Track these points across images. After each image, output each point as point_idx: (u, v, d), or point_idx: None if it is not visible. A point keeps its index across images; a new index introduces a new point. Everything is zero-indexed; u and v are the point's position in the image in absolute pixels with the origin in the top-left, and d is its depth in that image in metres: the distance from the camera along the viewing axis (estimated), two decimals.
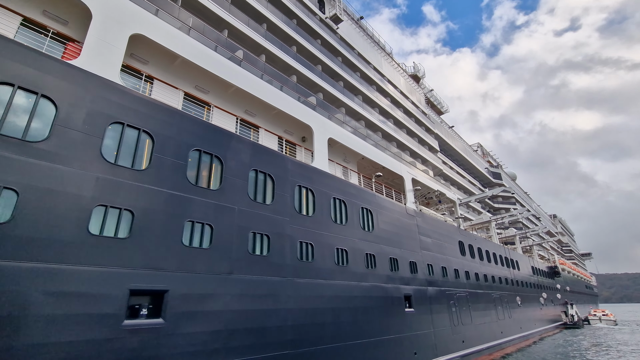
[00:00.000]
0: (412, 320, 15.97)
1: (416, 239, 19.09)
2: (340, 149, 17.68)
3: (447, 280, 20.55)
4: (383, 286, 14.94)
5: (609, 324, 50.66)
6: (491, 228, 32.69)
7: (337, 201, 14.26)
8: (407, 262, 17.28)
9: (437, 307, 18.47)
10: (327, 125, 15.78)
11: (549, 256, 55.61)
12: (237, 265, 9.56)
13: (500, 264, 30.45)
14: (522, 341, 29.19)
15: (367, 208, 15.88)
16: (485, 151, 58.97)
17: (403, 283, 16.38)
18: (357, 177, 17.82)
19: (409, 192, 20.59)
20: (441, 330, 18.11)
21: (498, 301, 26.91)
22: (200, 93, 12.21)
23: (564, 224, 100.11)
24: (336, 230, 13.60)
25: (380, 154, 19.57)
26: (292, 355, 10.05)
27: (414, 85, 32.32)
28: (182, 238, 8.54)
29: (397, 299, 15.56)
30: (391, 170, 19.98)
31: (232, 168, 10.54)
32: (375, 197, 16.89)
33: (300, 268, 11.46)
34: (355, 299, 13.20)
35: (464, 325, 20.49)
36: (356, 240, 14.41)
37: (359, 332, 12.82)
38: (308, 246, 12.10)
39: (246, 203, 10.50)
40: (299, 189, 12.72)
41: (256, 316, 9.53)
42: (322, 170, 14.14)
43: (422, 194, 24.25)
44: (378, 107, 23.97)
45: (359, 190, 15.85)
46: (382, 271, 15.20)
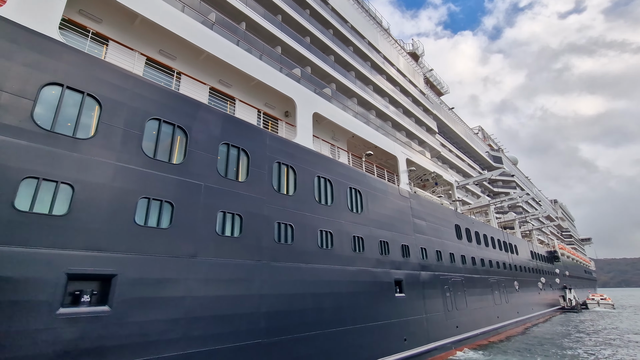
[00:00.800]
0: (402, 306, 15.21)
1: (409, 222, 18.17)
2: (328, 126, 16.55)
3: (441, 264, 19.75)
4: (371, 270, 14.10)
5: (607, 308, 50.43)
6: (490, 212, 31.77)
7: (322, 180, 13.25)
8: (398, 246, 16.40)
9: (430, 292, 17.71)
10: (313, 99, 14.60)
11: (548, 241, 54.98)
12: (203, 247, 8.63)
13: (499, 248, 29.68)
14: (519, 325, 28.71)
15: (356, 188, 14.88)
16: (486, 134, 57.54)
17: (394, 267, 15.55)
18: (347, 156, 16.74)
19: (403, 173, 19.54)
20: (434, 315, 17.40)
21: (495, 286, 26.25)
22: (165, 59, 11.03)
23: (565, 209, 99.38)
24: (320, 211, 12.64)
25: (372, 132, 18.43)
26: (266, 344, 9.25)
27: (412, 64, 30.78)
28: (135, 217, 7.58)
29: (386, 283, 14.75)
30: (384, 149, 18.88)
31: (199, 141, 9.48)
32: (365, 177, 15.86)
33: (278, 251, 10.55)
34: (340, 283, 12.36)
35: (458, 310, 19.81)
36: (343, 222, 13.47)
37: (344, 318, 12.03)
38: (287, 227, 11.16)
39: (215, 179, 9.50)
40: (279, 166, 11.69)
41: (224, 303, 8.67)
42: (306, 147, 13.07)
43: (417, 176, 23.22)
44: (372, 84, 22.65)
45: (347, 170, 14.81)
46: (370, 255, 14.33)
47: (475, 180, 25.72)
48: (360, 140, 17.88)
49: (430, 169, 22.94)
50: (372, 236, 14.78)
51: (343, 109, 17.25)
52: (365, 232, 14.50)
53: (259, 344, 9.07)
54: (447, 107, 39.91)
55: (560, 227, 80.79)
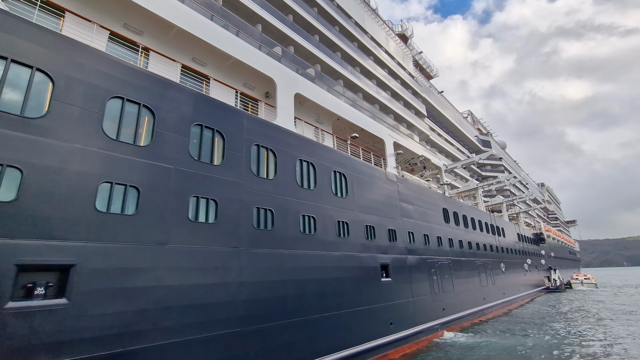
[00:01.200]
0: (388, 290, 15.09)
1: (396, 206, 17.92)
2: (312, 108, 15.96)
3: (429, 248, 19.68)
4: (357, 255, 13.85)
5: (590, 287, 52.01)
6: (478, 195, 31.87)
7: (304, 164, 12.77)
8: (385, 230, 16.18)
9: (417, 275, 17.66)
10: (294, 80, 13.95)
11: (535, 223, 55.95)
12: (174, 234, 8.15)
13: (486, 231, 29.90)
14: (505, 306, 29.26)
15: (341, 172, 14.47)
16: (475, 119, 57.46)
17: (380, 252, 15.35)
18: (332, 139, 16.24)
19: (390, 156, 19.18)
20: (421, 299, 17.40)
21: (482, 268, 26.51)
22: (131, 33, 10.24)
23: (551, 192, 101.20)
24: (302, 195, 12.21)
25: (358, 115, 17.91)
26: (244, 332, 8.94)
27: (401, 46, 30.02)
28: (96, 203, 7.03)
29: (372, 268, 14.55)
30: (371, 132, 18.42)
31: (168, 122, 8.87)
32: (351, 161, 15.44)
33: (257, 237, 10.14)
34: (324, 269, 12.08)
35: (445, 293, 19.91)
36: (326, 206, 13.10)
37: (328, 304, 11.81)
38: (267, 213, 10.73)
39: (187, 163, 8.95)
40: (257, 149, 11.15)
41: (198, 292, 8.27)
42: (287, 129, 12.52)
43: (405, 160, 22.91)
44: (359, 66, 21.97)
45: (331, 153, 14.35)
46: (356, 240, 14.06)
47: (463, 163, 25.57)
48: (345, 123, 17.36)
49: (419, 153, 22.64)
50: (357, 221, 14.48)
51: (328, 91, 16.65)
52: (351, 216, 14.18)
53: (237, 333, 8.75)
54: (436, 90, 39.42)
55: (546, 209, 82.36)
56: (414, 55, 35.32)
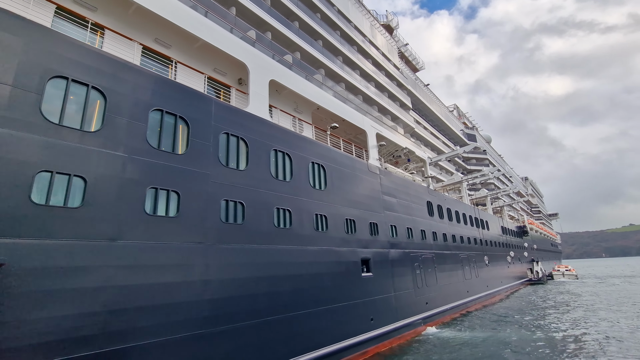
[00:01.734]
0: (369, 285, 14.66)
1: (379, 199, 17.46)
2: (290, 97, 15.25)
3: (412, 241, 19.35)
4: (336, 250, 13.33)
5: (571, 278, 53.20)
6: (462, 189, 31.82)
7: (279, 154, 12.11)
8: (366, 224, 15.70)
9: (399, 269, 17.30)
10: (269, 66, 13.20)
11: (518, 217, 56.76)
12: (127, 229, 7.41)
13: (470, 224, 29.90)
14: (488, 299, 29.42)
15: (319, 163, 13.86)
16: (461, 113, 57.62)
17: (361, 246, 14.87)
18: (311, 129, 15.58)
19: (373, 148, 18.66)
20: (403, 293, 17.07)
21: (465, 261, 26.48)
22: (84, 10, 9.32)
23: (535, 186, 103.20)
24: (277, 187, 11.57)
25: (339, 105, 17.28)
26: (209, 334, 8.31)
27: (385, 36, 29.42)
28: (32, 194, 6.23)
29: (352, 263, 14.07)
30: (352, 123, 17.83)
31: (122, 106, 8.06)
32: (330, 152, 14.84)
33: (226, 232, 9.47)
34: (300, 265, 11.50)
35: (428, 287, 19.66)
36: (303, 199, 12.49)
37: (304, 301, 11.26)
38: (237, 206, 10.05)
39: (143, 151, 8.17)
40: (227, 138, 10.42)
41: (156, 292, 7.58)
42: (260, 117, 11.80)
43: (389, 152, 22.46)
44: (342, 55, 21.29)
45: (308, 143, 13.70)
46: (335, 234, 13.52)
47: (448, 156, 25.33)
48: (326, 113, 16.72)
49: (402, 145, 22.21)
50: (337, 214, 13.94)
51: (308, 80, 15.95)
52: (330, 209, 13.62)
53: (201, 335, 8.11)
54: (422, 83, 39.08)
55: (530, 203, 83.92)
56: (399, 47, 34.81)
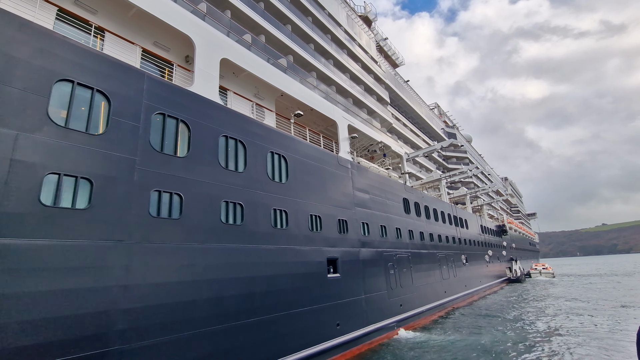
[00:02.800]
0: (336, 287, 13.44)
1: (349, 194, 16.29)
2: (250, 81, 13.86)
3: (385, 240, 18.28)
4: (297, 249, 12.04)
5: (548, 276, 53.82)
6: (441, 186, 31.15)
7: (230, 141, 10.71)
8: (334, 221, 14.48)
9: (371, 270, 16.17)
10: (221, 42, 11.77)
11: (498, 216, 57.06)
12: (15, 223, 5.90)
13: (449, 222, 29.23)
14: (466, 299, 28.79)
15: (280, 154, 12.54)
16: (442, 111, 57.50)
17: (327, 245, 13.64)
18: (273, 117, 14.25)
19: (344, 140, 17.48)
20: (375, 295, 15.94)
21: (443, 260, 25.70)
22: None
23: (514, 186, 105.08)
24: (227, 178, 10.17)
25: (307, 93, 16.00)
26: (119, 352, 6.84)
27: (363, 28, 28.40)
28: None
29: (317, 263, 12.81)
30: (321, 113, 16.60)
31: (14, 74, 6.51)
32: (294, 142, 13.54)
33: (155, 228, 8.02)
34: (252, 265, 10.14)
35: (402, 288, 18.63)
36: (259, 192, 11.14)
37: (255, 307, 9.91)
38: (173, 198, 8.61)
39: (45, 130, 6.65)
40: (163, 119, 8.96)
41: (53, 302, 6.08)
42: (207, 98, 10.38)
43: (363, 146, 21.36)
44: (314, 43, 20.03)
45: (267, 131, 12.35)
46: (297, 231, 12.23)
47: (425, 151, 24.50)
48: (291, 101, 15.41)
49: (377, 139, 21.15)
50: (299, 210, 12.65)
51: (272, 64, 14.60)
52: (291, 205, 12.32)
53: (107, 354, 6.63)
54: (402, 79, 38.37)
55: (509, 202, 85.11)
56: (378, 41, 33.93)
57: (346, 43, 23.81)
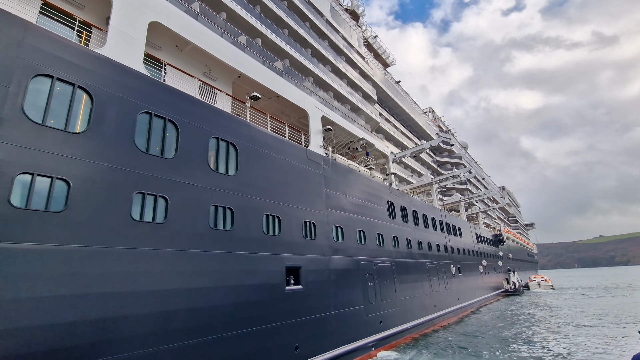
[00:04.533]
0: (296, 302, 11.24)
1: (321, 194, 14.21)
2: (199, 57, 11.88)
3: (364, 247, 16.13)
4: (245, 255, 9.88)
5: (547, 288, 51.45)
6: (433, 191, 29.10)
7: (155, 120, 8.66)
8: (298, 223, 12.37)
9: (345, 281, 14.00)
10: (151, 2, 9.76)
11: (495, 225, 54.95)
12: None
13: (440, 230, 27.09)
14: (459, 313, 26.46)
15: (227, 140, 10.48)
16: (436, 116, 55.87)
17: (287, 251, 11.49)
18: (225, 99, 12.23)
19: (317, 133, 15.46)
20: (349, 311, 13.73)
21: (433, 271, 23.47)
22: None
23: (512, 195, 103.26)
24: (144, 164, 8.07)
25: (272, 77, 14.02)
26: None
27: (349, 21, 26.72)
28: None
29: (272, 273, 10.64)
30: (290, 101, 14.62)
31: None
32: (247, 128, 11.49)
33: (21, 224, 5.90)
34: (176, 275, 7.98)
35: (384, 301, 16.39)
36: (194, 184, 9.04)
37: (178, 328, 7.71)
38: (55, 185, 6.50)
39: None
40: (51, 84, 6.89)
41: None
42: (123, 64, 8.35)
43: (342, 143, 19.34)
44: (288, 29, 18.19)
45: (212, 112, 10.29)
46: (246, 233, 10.10)
47: (413, 151, 22.50)
48: (253, 85, 13.41)
49: (359, 135, 19.15)
50: (251, 208, 10.53)
51: (232, 43, 12.66)
52: (240, 201, 10.21)
53: None
54: (393, 80, 36.66)
55: (507, 212, 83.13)
56: (367, 38, 32.30)
57: (327, 33, 22.02)
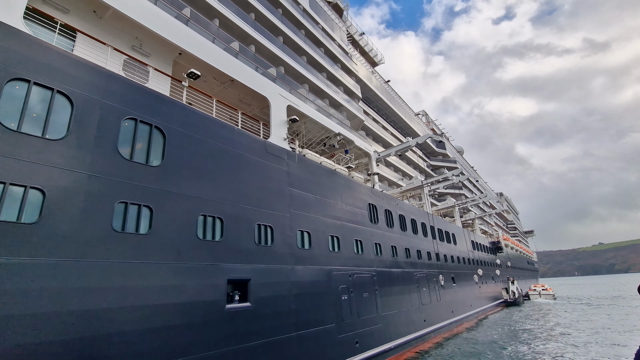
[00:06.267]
0: (241, 324, 9.10)
1: (282, 193, 12.19)
2: (125, 27, 9.94)
3: (338, 255, 14.04)
4: (168, 266, 7.79)
5: (548, 298, 49.08)
6: (423, 195, 27.09)
7: (35, 90, 6.68)
8: (250, 227, 10.31)
9: (311, 295, 11.88)
10: None
11: (492, 232, 52.82)
12: None
13: (431, 236, 24.99)
14: (454, 328, 24.16)
15: (150, 123, 8.49)
16: (430, 119, 54.26)
17: (232, 260, 9.41)
18: (171, 84, 10.29)
19: (280, 125, 13.48)
20: (315, 332, 11.57)
21: (423, 281, 21.29)
22: None
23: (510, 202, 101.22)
24: (9, 145, 6.08)
25: (223, 56, 12.12)
26: None
27: (330, 12, 25.08)
28: None
29: (208, 288, 8.54)
30: (247, 86, 12.70)
31: None
32: (181, 110, 9.50)
33: None
34: (55, 295, 5.89)
35: (361, 318, 14.21)
36: (91, 174, 7.01)
37: None
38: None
39: None
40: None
41: None
42: None
43: (312, 139, 17.37)
44: (255, 12, 16.44)
45: (122, 86, 8.30)
46: (170, 239, 8.03)
47: (398, 149, 20.55)
48: (202, 67, 11.47)
49: (334, 130, 17.20)
50: (180, 206, 8.49)
51: (177, 17, 10.79)
52: (162, 198, 8.17)
53: None
54: (382, 79, 35.01)
55: (505, 219, 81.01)
56: (352, 34, 30.72)
57: (304, 22, 20.29)
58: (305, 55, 19.62)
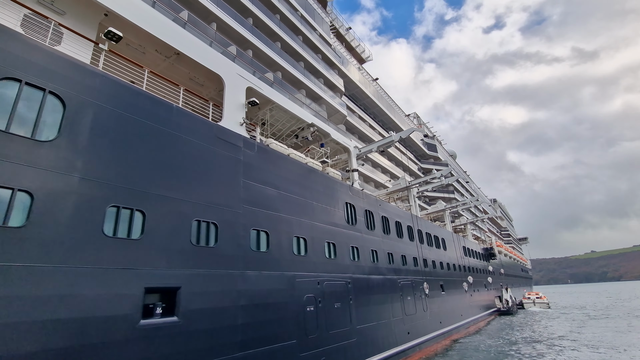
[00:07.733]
0: (163, 344, 7.21)
1: (235, 185, 10.38)
2: None
3: (304, 259, 12.21)
4: (54, 271, 5.91)
5: (543, 307, 47.47)
6: (410, 196, 25.40)
7: None
8: (186, 223, 8.48)
9: (265, 306, 10.02)
10: None
11: (486, 238, 51.27)
12: None
13: (418, 240, 23.25)
14: (441, 340, 22.31)
15: (44, 88, 6.69)
16: (421, 121, 52.93)
17: (158, 264, 7.55)
18: (93, 49, 8.48)
19: (235, 107, 11.71)
20: (269, 350, 9.68)
21: (408, 290, 19.47)
22: None
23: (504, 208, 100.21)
24: None
25: (164, 23, 10.35)
26: None
27: (312, 2, 23.56)
28: None
29: (115, 299, 6.65)
30: (197, 61, 10.94)
31: None
32: (92, 77, 7.70)
33: None
34: None
35: (330, 332, 12.33)
36: None
37: None
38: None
39: None
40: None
41: None
42: None
43: (283, 129, 15.60)
44: None
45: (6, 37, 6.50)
46: (59, 235, 6.16)
47: (381, 144, 18.85)
48: (138, 34, 9.71)
49: (307, 120, 15.46)
50: (78, 193, 6.64)
51: None
52: (54, 181, 6.33)
53: None
54: (370, 76, 33.54)
55: (499, 225, 79.67)
56: (338, 27, 29.23)
57: (279, 6, 18.68)
58: (280, 42, 17.98)
